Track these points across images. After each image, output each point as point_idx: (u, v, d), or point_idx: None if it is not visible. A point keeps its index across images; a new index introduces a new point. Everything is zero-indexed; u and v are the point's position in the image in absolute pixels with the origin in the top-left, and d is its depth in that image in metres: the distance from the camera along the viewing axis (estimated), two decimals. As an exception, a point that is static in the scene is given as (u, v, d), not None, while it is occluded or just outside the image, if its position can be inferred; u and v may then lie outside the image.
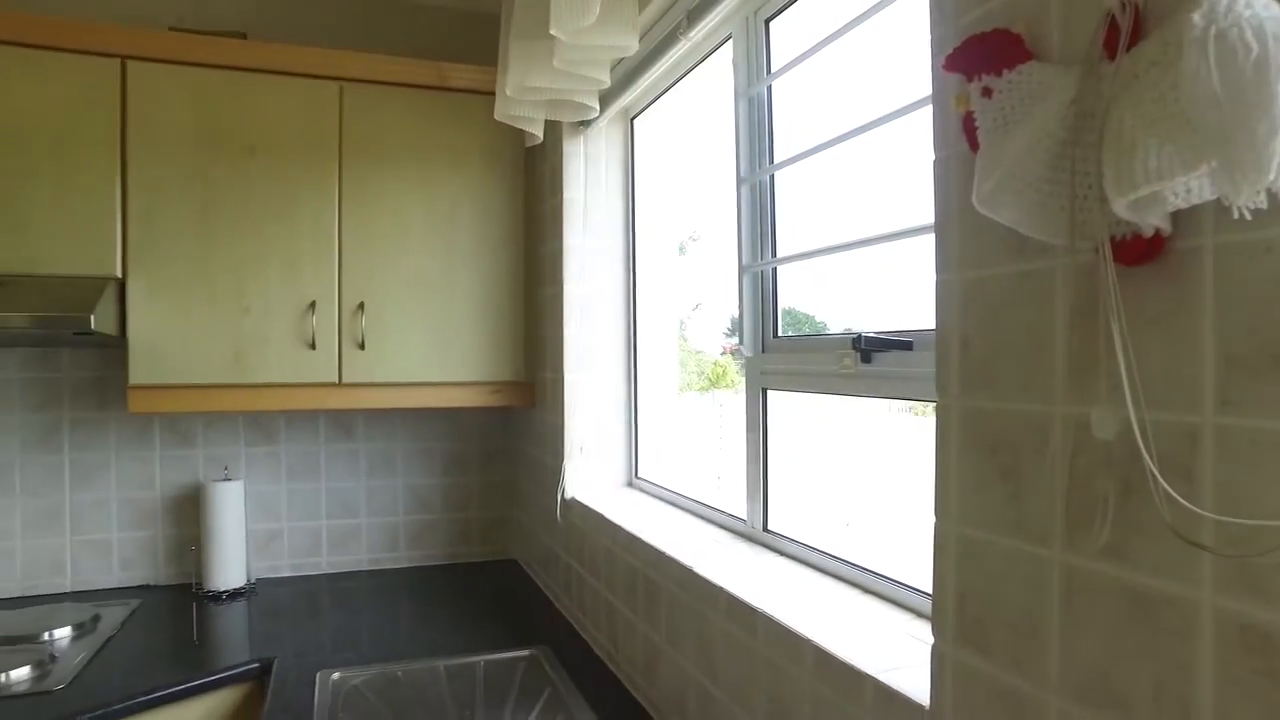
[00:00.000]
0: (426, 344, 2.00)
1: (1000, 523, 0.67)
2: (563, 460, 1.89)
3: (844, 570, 1.14)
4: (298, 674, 1.55)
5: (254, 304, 1.89)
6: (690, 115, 1.85)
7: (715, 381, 2.77)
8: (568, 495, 1.86)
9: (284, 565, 2.24)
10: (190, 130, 1.86)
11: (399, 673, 1.56)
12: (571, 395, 1.88)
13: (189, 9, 2.16)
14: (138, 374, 1.83)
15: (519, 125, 1.78)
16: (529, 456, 2.22)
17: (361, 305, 1.95)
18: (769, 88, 1.36)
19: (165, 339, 1.85)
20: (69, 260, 1.79)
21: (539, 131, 1.84)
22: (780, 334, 1.36)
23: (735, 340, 1.73)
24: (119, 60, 1.83)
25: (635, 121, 1.93)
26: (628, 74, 1.71)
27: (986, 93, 0.64)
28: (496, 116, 1.77)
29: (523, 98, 1.64)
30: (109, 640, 1.74)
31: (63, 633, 1.76)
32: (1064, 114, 0.57)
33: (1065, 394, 0.62)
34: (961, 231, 0.71)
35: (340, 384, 1.95)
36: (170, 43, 1.85)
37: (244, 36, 2.02)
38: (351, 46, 2.22)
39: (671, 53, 1.51)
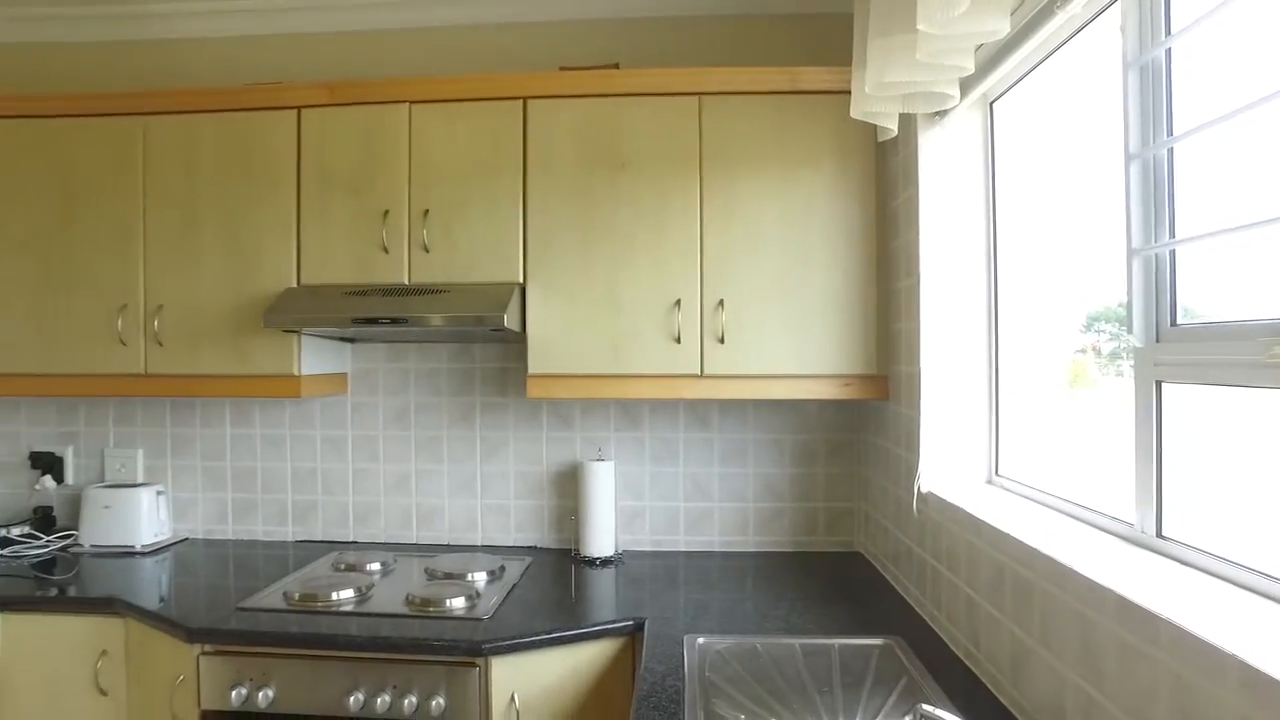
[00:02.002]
0: (781, 338, 2.10)
1: None
2: (918, 454, 1.87)
3: (1269, 587, 1.00)
4: (665, 635, 1.72)
5: (626, 303, 2.13)
6: (1059, 93, 1.72)
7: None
8: (924, 489, 1.84)
9: (645, 540, 2.48)
10: (573, 153, 2.15)
11: (757, 645, 1.66)
12: (928, 389, 1.85)
13: (573, 50, 2.50)
14: (535, 364, 2.16)
15: (874, 121, 1.80)
16: (880, 449, 2.22)
17: (721, 302, 2.10)
18: (1167, 51, 1.23)
19: (555, 335, 2.15)
20: (488, 271, 2.17)
21: (893, 125, 1.84)
22: (1178, 323, 1.23)
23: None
24: (521, 101, 2.17)
25: (995, 105, 1.85)
26: (991, 57, 1.64)
27: None
28: (853, 114, 1.81)
29: (880, 94, 1.65)
30: (514, 587, 2.08)
31: (480, 576, 2.14)
32: None
33: None
34: None
35: (701, 375, 2.12)
36: (560, 81, 2.16)
37: (617, 66, 2.28)
38: (709, 63, 2.41)
39: (1045, 28, 1.43)
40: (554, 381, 2.17)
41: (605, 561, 2.34)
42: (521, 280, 2.17)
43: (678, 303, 2.11)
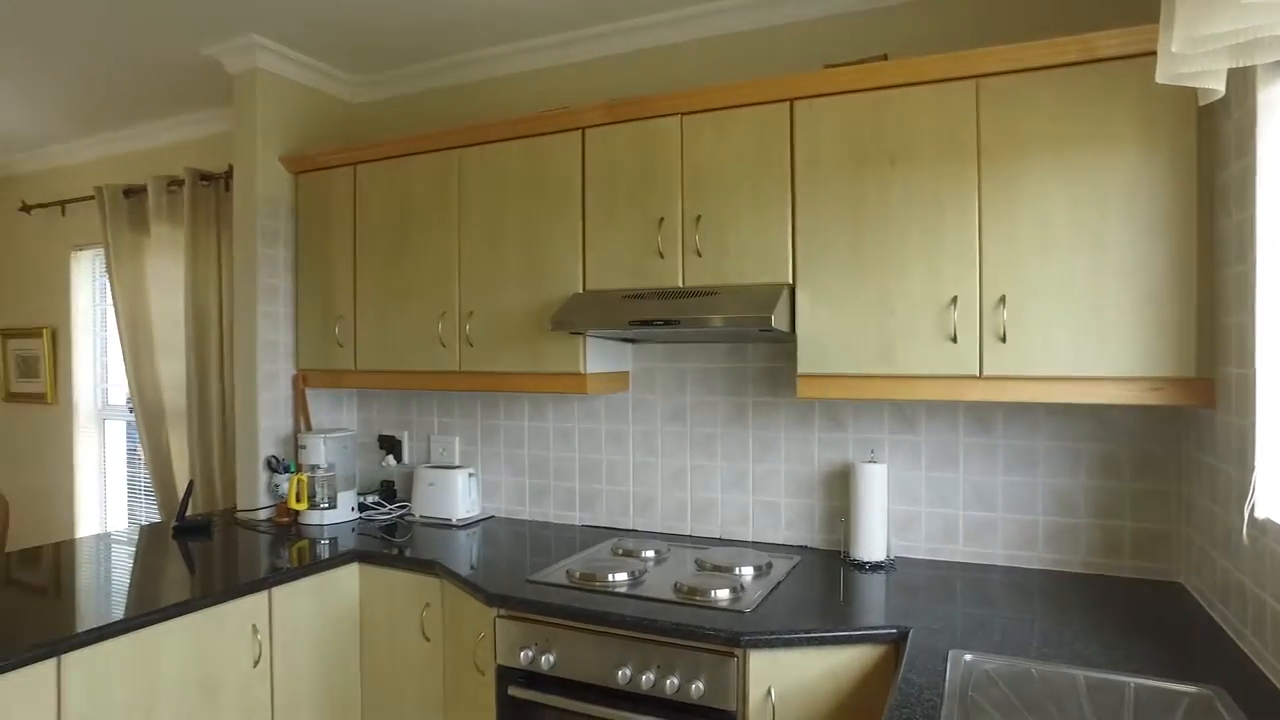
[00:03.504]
0: (1073, 336, 1.89)
1: None
2: (1251, 472, 1.58)
3: None
4: (930, 647, 1.64)
5: (898, 302, 2.05)
6: None
7: None
8: (1259, 514, 1.55)
9: (920, 547, 2.37)
10: (840, 152, 2.11)
11: (1032, 670, 1.52)
12: (1265, 395, 1.56)
13: (839, 46, 2.45)
14: (805, 364, 2.16)
15: (1188, 84, 1.55)
16: (1204, 465, 1.91)
17: (1003, 299, 1.94)
18: None
19: (825, 335, 2.13)
20: (758, 272, 2.21)
21: (1219, 85, 1.58)
22: None
23: None
24: (787, 103, 2.18)
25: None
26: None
27: None
28: (1159, 79, 1.57)
29: (1196, 50, 1.43)
30: (779, 584, 2.10)
31: (747, 571, 2.19)
32: None
33: None
34: None
35: (980, 377, 1.97)
36: (825, 79, 2.13)
37: (885, 58, 2.20)
38: (983, 43, 2.24)
39: None
40: (824, 381, 2.15)
41: (875, 566, 2.27)
42: (791, 281, 2.18)
43: (954, 300, 1.99)
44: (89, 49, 2.99)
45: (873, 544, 2.29)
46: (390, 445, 3.19)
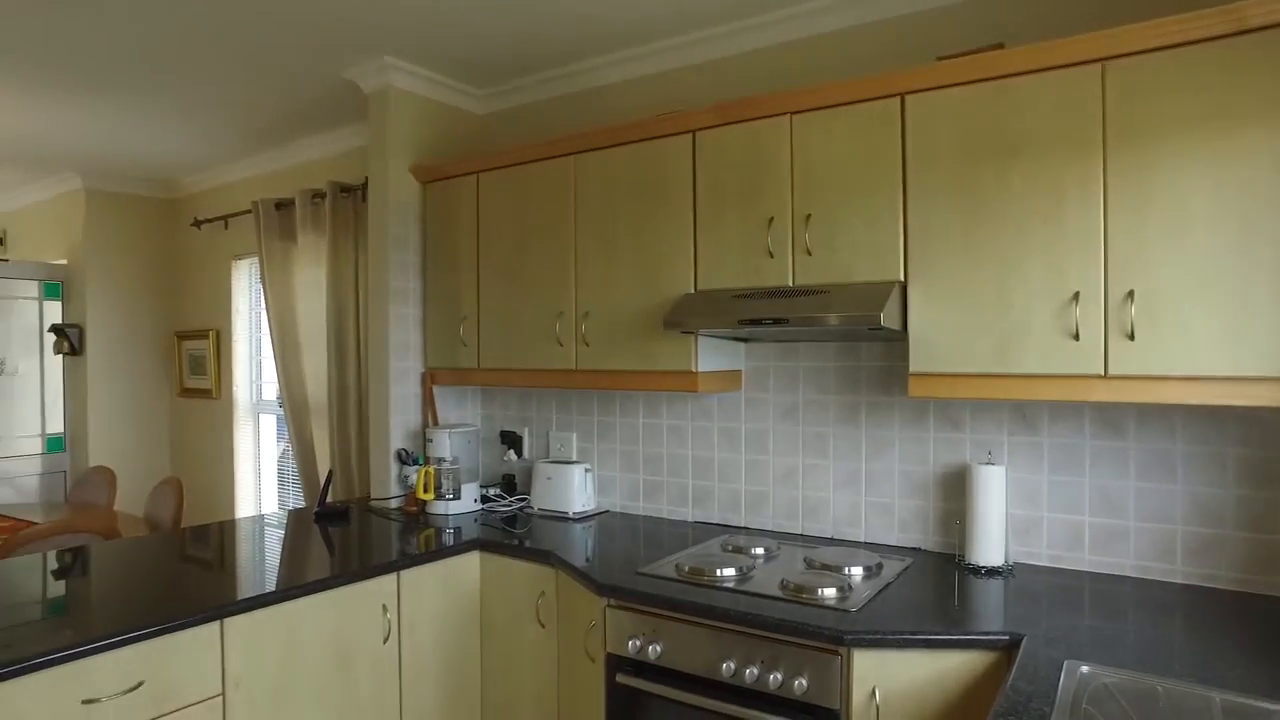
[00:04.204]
0: (1214, 332, 1.76)
1: None
2: None
3: None
4: (1045, 657, 1.58)
5: (1015, 298, 1.98)
6: None
7: None
8: None
9: (1041, 554, 2.27)
10: (955, 145, 2.06)
11: (1158, 687, 1.44)
12: None
13: (951, 36, 2.38)
14: (917, 363, 2.11)
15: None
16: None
17: (1130, 294, 1.84)
18: None
19: (937, 332, 2.08)
20: (869, 270, 2.18)
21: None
22: None
23: None
24: (898, 98, 2.14)
25: None
26: None
27: None
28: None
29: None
30: (888, 585, 2.07)
31: (856, 570, 2.17)
32: None
33: None
34: None
35: (1105, 376, 1.88)
36: (938, 72, 2.07)
37: (1001, 46, 2.12)
38: (1109, 22, 2.13)
39: None
40: (937, 380, 2.10)
41: (992, 571, 2.20)
42: (902, 278, 2.14)
43: (1075, 296, 1.90)
44: (247, 81, 3.31)
45: (990, 548, 2.21)
46: (511, 441, 3.34)
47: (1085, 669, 1.50)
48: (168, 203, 5.43)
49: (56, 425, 5.17)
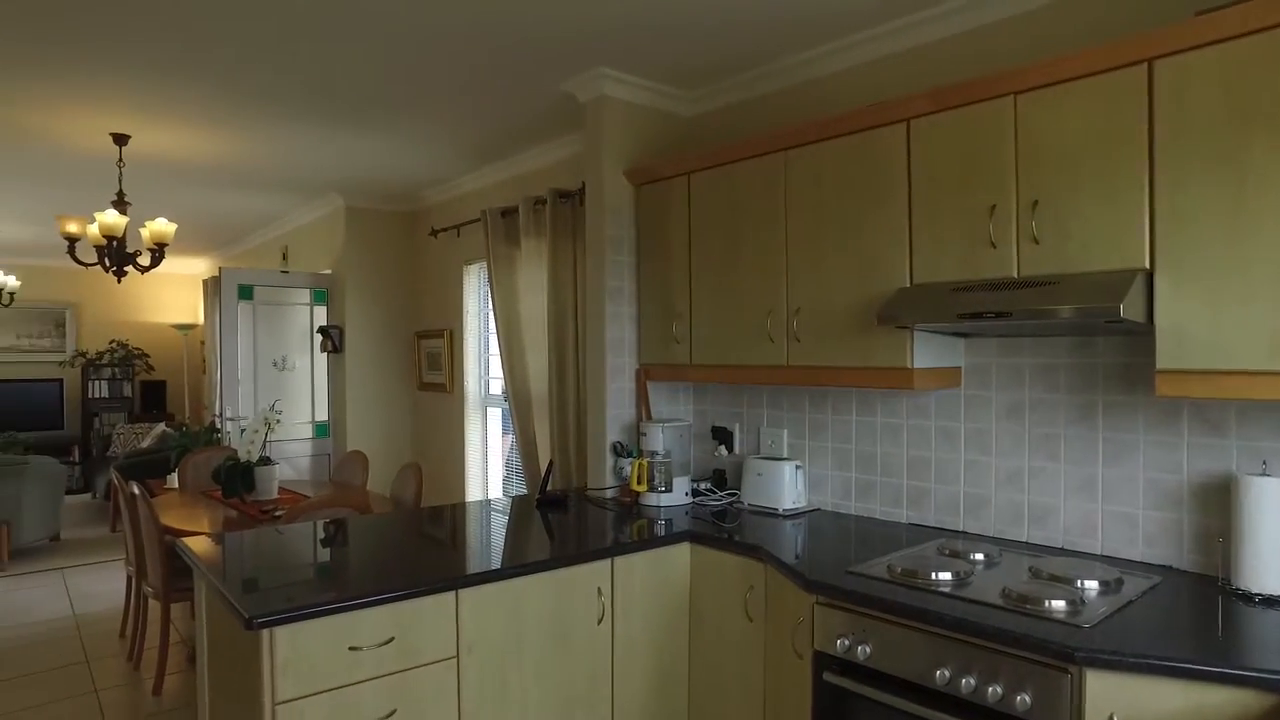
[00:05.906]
0: None
1: None
2: None
3: None
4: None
5: (1294, 284, 1.73)
6: None
7: None
8: None
9: (1331, 581, 1.96)
10: (1218, 112, 1.82)
11: None
12: None
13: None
14: (1165, 359, 1.91)
15: None
16: None
17: None
18: None
19: (1191, 325, 1.86)
20: (1106, 258, 2.00)
21: None
22: None
23: None
24: (1144, 64, 1.93)
25: None
26: None
27: None
28: None
29: None
30: (1129, 603, 1.88)
31: (1091, 584, 1.99)
32: None
33: None
34: None
35: None
36: (1200, 28, 1.84)
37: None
38: None
39: None
40: (1190, 379, 1.88)
41: (1269, 600, 1.92)
42: (1147, 265, 1.94)
43: (1373, 279, 1.63)
44: (476, 102, 3.65)
45: (1264, 573, 1.94)
46: (722, 436, 3.39)
47: (1384, 714, 1.29)
48: (409, 215, 6.07)
49: (322, 414, 6.02)
